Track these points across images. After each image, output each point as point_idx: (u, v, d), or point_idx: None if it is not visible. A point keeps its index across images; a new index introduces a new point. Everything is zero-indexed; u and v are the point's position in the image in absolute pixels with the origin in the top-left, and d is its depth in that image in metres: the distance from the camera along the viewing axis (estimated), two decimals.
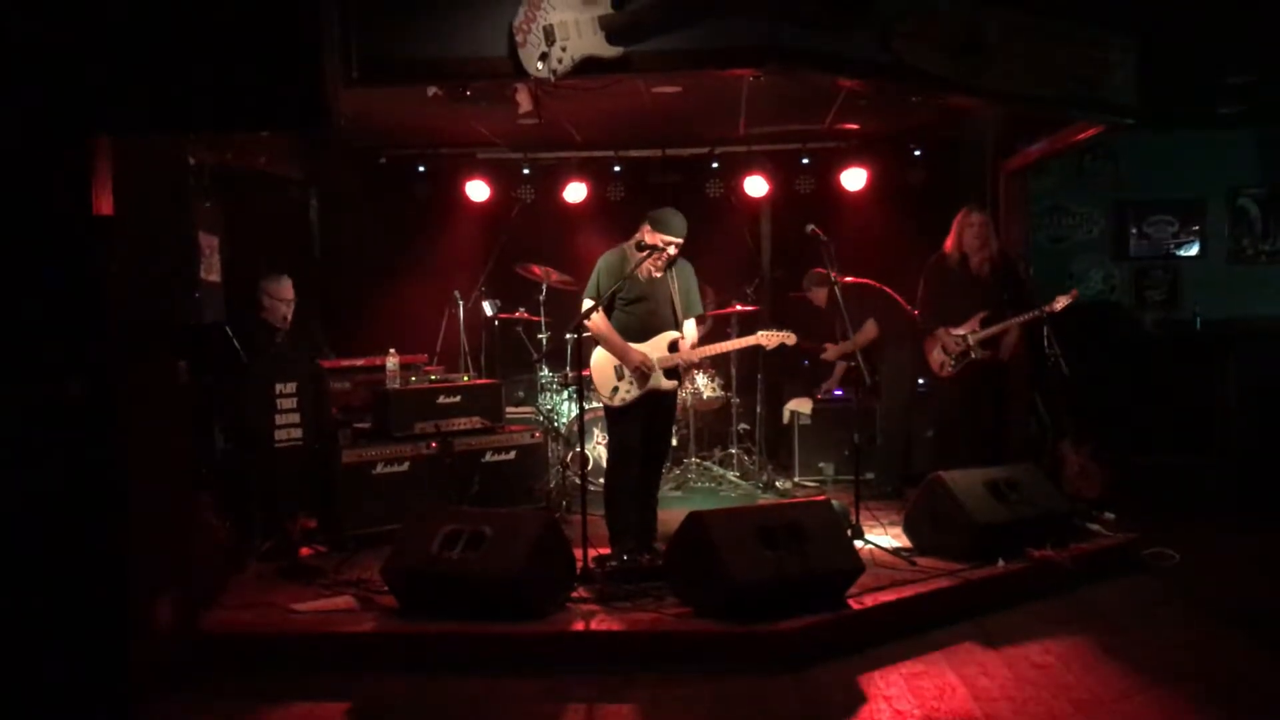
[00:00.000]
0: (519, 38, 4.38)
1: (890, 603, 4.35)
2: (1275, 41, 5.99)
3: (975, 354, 5.83)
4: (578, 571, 4.50)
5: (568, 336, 6.74)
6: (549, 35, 4.38)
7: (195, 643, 4.05)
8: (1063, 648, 4.16)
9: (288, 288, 5.71)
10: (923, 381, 6.67)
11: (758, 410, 7.28)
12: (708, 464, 7.27)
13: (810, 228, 5.29)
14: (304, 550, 5.34)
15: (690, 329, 5.12)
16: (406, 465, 5.63)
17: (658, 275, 4.98)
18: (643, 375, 4.90)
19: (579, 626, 4.12)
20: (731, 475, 7.06)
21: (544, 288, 7.02)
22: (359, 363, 6.06)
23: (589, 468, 5.87)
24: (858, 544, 4.89)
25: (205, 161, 5.86)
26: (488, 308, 7.14)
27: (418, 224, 8.04)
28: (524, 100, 5.64)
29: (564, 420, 6.66)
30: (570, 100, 5.68)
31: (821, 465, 7.03)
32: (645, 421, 4.99)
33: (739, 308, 7.06)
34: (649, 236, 4.89)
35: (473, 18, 4.45)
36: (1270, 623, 4.48)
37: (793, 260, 7.56)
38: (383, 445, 5.60)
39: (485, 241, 7.92)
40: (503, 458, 6.01)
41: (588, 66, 4.44)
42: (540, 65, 4.40)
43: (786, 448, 7.30)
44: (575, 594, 4.42)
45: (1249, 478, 7.01)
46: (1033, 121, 6.35)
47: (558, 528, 4.48)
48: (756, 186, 7.72)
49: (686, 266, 5.13)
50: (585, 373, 5.10)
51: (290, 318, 5.66)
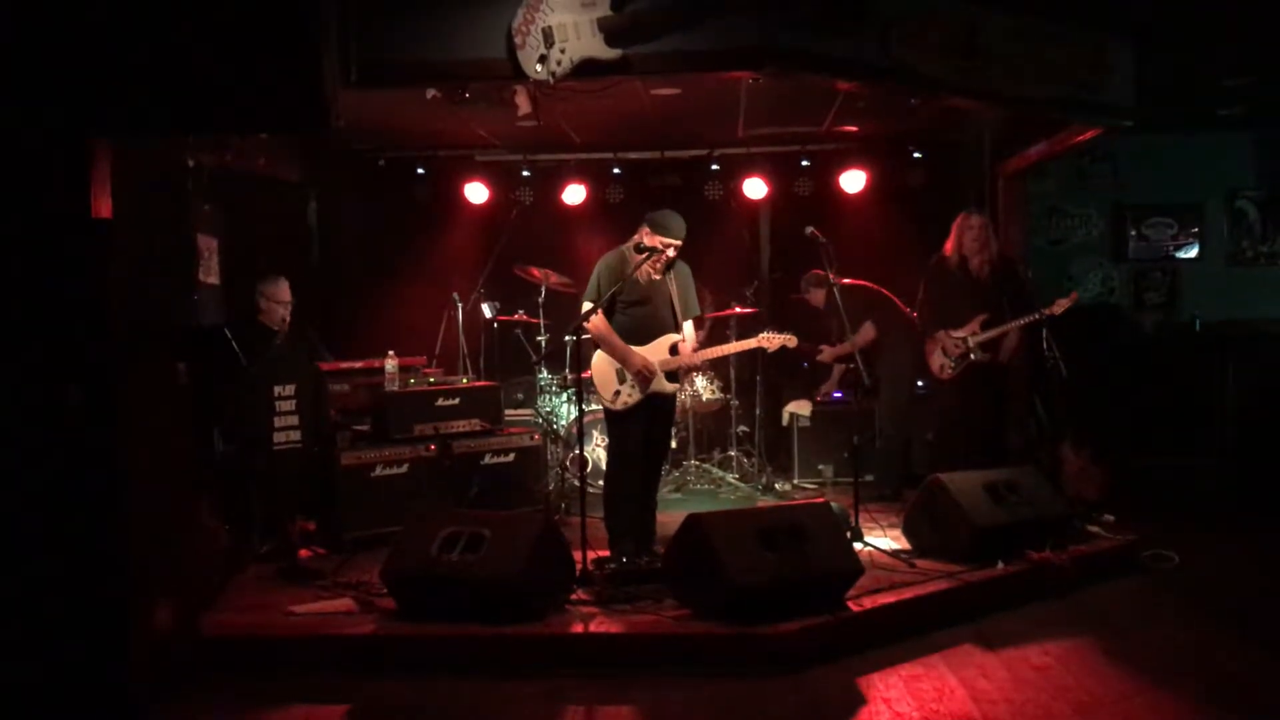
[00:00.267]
0: (518, 40, 4.39)
1: (889, 605, 4.35)
2: (1274, 44, 5.98)
3: (975, 356, 5.84)
4: (577, 574, 4.50)
5: (567, 339, 6.74)
6: (548, 37, 4.38)
7: (195, 644, 4.04)
8: (1062, 649, 4.15)
9: (285, 290, 5.73)
10: (922, 383, 6.67)
11: (757, 412, 7.29)
12: (707, 466, 7.27)
13: (809, 230, 5.29)
14: (303, 552, 5.34)
15: (689, 331, 5.12)
16: (406, 467, 5.63)
17: (657, 277, 4.97)
18: (644, 379, 4.90)
19: (578, 628, 4.12)
20: (731, 477, 7.06)
21: (543, 290, 7.02)
22: (358, 365, 6.05)
23: (588, 470, 5.87)
24: (857, 546, 4.88)
25: (204, 163, 5.85)
26: (487, 310, 7.15)
27: (417, 226, 8.03)
28: (523, 102, 5.65)
29: (563, 422, 6.66)
30: (569, 102, 5.69)
31: (821, 467, 7.03)
32: (645, 424, 4.99)
33: (738, 310, 7.05)
34: (648, 238, 4.88)
35: (471, 20, 4.46)
36: (1270, 623, 4.48)
37: (792, 262, 7.53)
38: (382, 447, 5.60)
39: (484, 243, 7.90)
40: (502, 460, 6.01)
41: (586, 68, 4.45)
42: (539, 67, 4.41)
43: (786, 450, 7.29)
44: (574, 596, 4.42)
45: (1248, 479, 7.02)
46: (1031, 124, 6.35)
47: (557, 530, 4.49)
48: (755, 188, 7.71)
49: (685, 268, 5.13)
50: (585, 375, 5.11)
51: (288, 320, 5.65)
